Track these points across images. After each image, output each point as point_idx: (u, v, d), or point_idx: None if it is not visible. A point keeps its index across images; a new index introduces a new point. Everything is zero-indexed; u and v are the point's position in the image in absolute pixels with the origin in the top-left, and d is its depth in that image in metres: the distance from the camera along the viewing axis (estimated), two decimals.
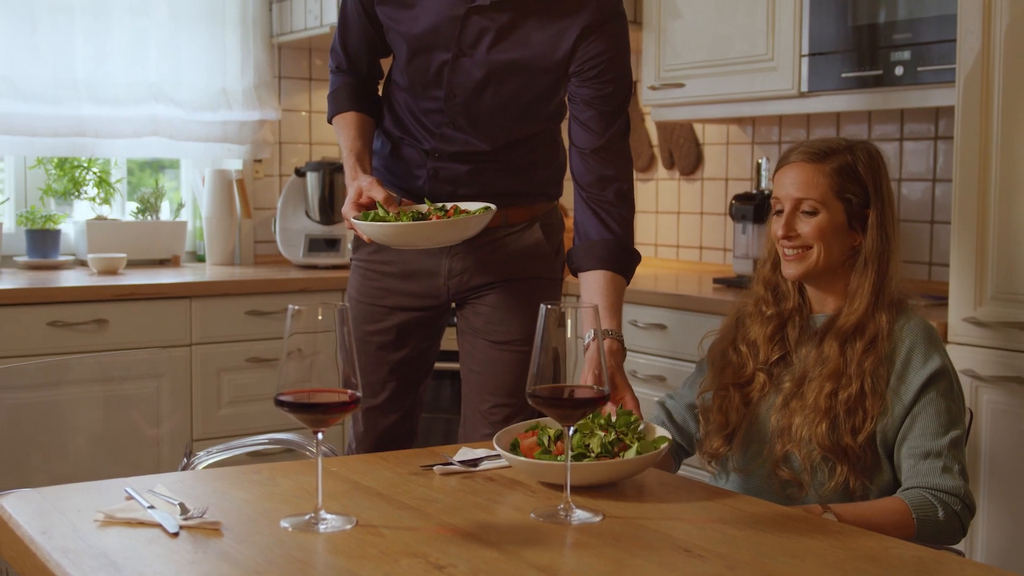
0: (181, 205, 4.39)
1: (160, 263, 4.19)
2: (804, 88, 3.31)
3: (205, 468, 2.27)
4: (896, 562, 1.40)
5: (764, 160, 3.76)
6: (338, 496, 1.64)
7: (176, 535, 1.44)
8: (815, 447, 1.90)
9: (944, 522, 1.82)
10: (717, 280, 3.68)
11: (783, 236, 1.98)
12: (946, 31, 2.88)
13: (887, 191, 1.98)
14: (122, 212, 4.29)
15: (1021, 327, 2.55)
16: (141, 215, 4.22)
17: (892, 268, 1.96)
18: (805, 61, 3.29)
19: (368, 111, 2.39)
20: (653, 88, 3.81)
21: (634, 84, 4.22)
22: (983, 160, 2.60)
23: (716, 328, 2.17)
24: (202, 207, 4.25)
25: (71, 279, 3.64)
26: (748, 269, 3.60)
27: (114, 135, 4.01)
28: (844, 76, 3.18)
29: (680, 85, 3.71)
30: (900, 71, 3.02)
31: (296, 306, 1.47)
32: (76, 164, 4.05)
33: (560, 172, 2.45)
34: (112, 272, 3.81)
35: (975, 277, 2.63)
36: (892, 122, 3.54)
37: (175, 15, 4.15)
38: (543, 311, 1.56)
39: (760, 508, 1.63)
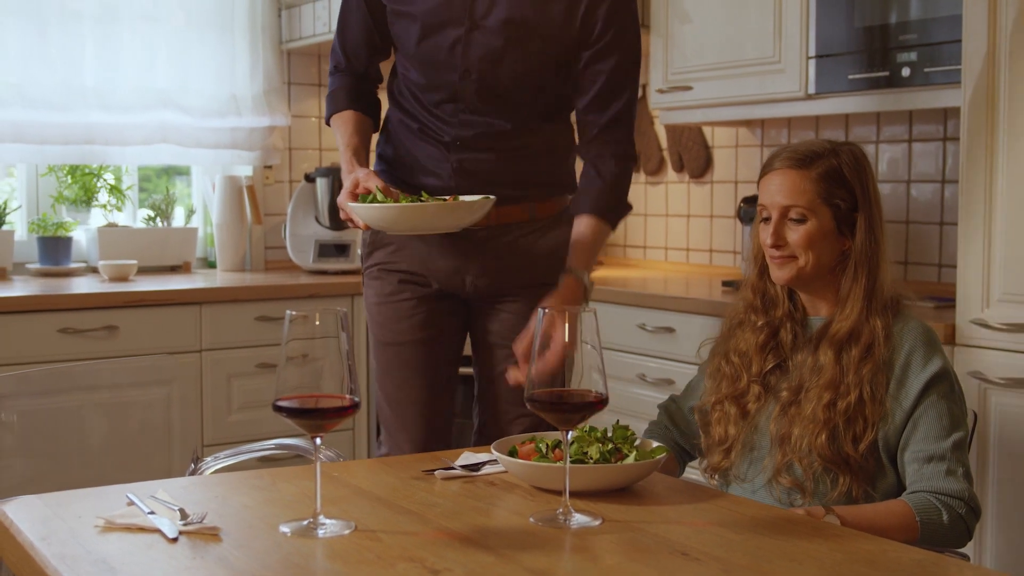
0: (193, 211, 4.41)
1: (171, 269, 4.21)
2: (811, 90, 3.30)
3: (212, 474, 2.28)
4: (894, 565, 1.40)
5: None
6: (338, 501, 1.64)
7: (175, 540, 1.45)
8: (816, 458, 1.88)
9: (948, 526, 1.80)
10: (727, 283, 3.67)
11: (772, 245, 1.96)
12: (953, 32, 2.86)
13: (874, 192, 1.97)
14: (133, 219, 4.31)
15: None
16: (153, 222, 4.24)
17: (883, 270, 1.94)
18: (812, 63, 3.28)
19: (365, 111, 2.39)
20: (661, 91, 3.81)
21: (642, 87, 4.23)
22: (989, 161, 2.59)
23: (713, 336, 2.15)
24: (212, 213, 4.26)
25: (82, 286, 3.66)
26: None
27: (124, 142, 4.02)
28: (851, 78, 3.17)
29: (688, 88, 3.70)
30: (907, 72, 3.01)
31: (294, 312, 1.48)
32: (88, 171, 4.08)
33: None
34: (123, 279, 3.83)
35: (982, 279, 2.61)
36: (901, 123, 3.52)
37: (184, 22, 4.17)
38: (540, 314, 1.56)
39: (758, 511, 1.63)
